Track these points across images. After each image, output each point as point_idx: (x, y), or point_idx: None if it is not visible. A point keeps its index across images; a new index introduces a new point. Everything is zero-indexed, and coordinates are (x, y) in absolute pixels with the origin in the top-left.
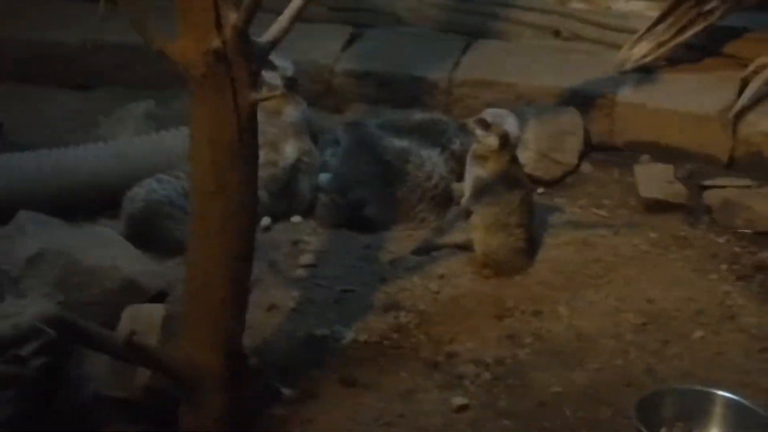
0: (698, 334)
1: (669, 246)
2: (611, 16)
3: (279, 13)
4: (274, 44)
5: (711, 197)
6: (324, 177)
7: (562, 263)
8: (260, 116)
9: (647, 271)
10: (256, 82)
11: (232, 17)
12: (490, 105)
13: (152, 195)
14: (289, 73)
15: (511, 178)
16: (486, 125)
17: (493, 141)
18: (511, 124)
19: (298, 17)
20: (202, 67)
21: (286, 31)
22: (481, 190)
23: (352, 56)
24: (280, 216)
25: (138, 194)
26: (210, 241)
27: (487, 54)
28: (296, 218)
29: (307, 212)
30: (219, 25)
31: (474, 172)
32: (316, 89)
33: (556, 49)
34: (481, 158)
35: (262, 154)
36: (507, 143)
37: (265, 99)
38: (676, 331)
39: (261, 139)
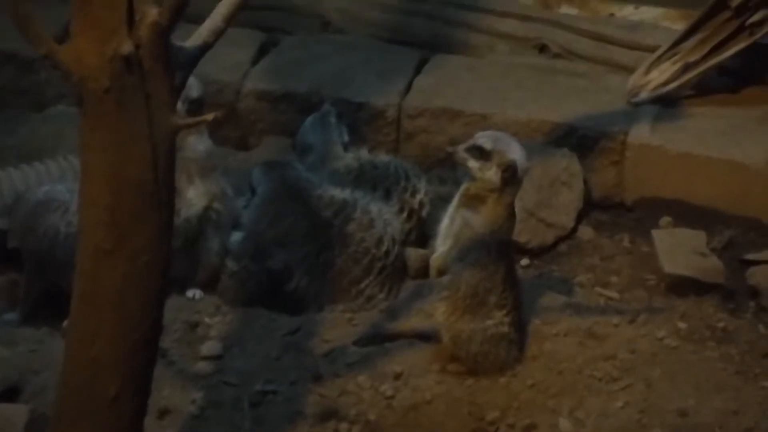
0: None
1: (704, 340)
2: (615, 26)
3: (199, 21)
4: (204, 50)
5: (757, 276)
6: (233, 237)
7: (561, 360)
8: None
9: (676, 373)
10: (177, 102)
11: (150, 12)
12: (453, 142)
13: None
14: (195, 93)
15: (505, 236)
16: (483, 153)
17: (494, 175)
18: (516, 152)
19: (236, 13)
20: (105, 78)
21: (219, 33)
22: (469, 245)
23: (265, 72)
24: (172, 287)
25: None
26: (102, 316)
27: (450, 74)
28: (194, 291)
29: (210, 284)
30: (131, 22)
31: (462, 217)
32: (216, 116)
33: (541, 70)
34: (474, 200)
35: None
36: (513, 178)
37: (192, 125)
38: None
39: None
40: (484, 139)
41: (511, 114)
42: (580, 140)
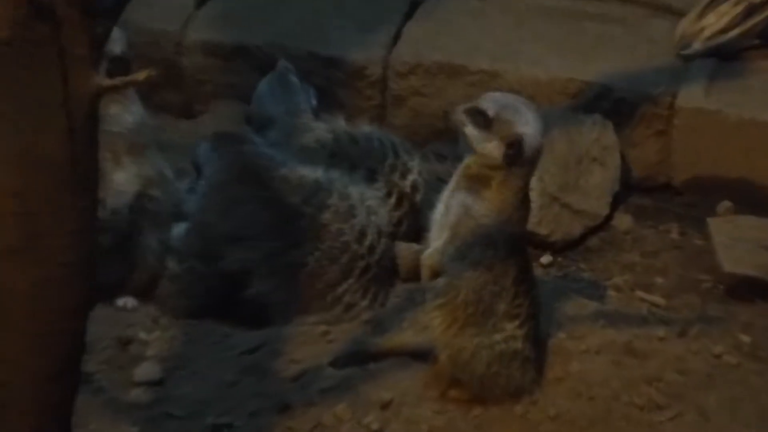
0: None
1: None
2: None
3: None
4: None
5: None
6: (175, 230)
7: (593, 384)
8: None
9: (738, 399)
10: (101, 57)
11: None
12: (454, 107)
13: None
14: (118, 48)
15: (516, 228)
16: (485, 120)
17: (495, 149)
18: (527, 122)
19: None
20: (6, 28)
21: None
22: (469, 239)
23: (213, 19)
24: (99, 295)
25: None
26: (9, 333)
27: (449, 20)
28: (126, 300)
29: (146, 291)
30: None
31: (461, 203)
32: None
33: (566, 14)
34: (476, 181)
35: None
36: (518, 157)
37: (120, 88)
38: None
39: None
40: (489, 102)
41: (527, 71)
42: (615, 104)
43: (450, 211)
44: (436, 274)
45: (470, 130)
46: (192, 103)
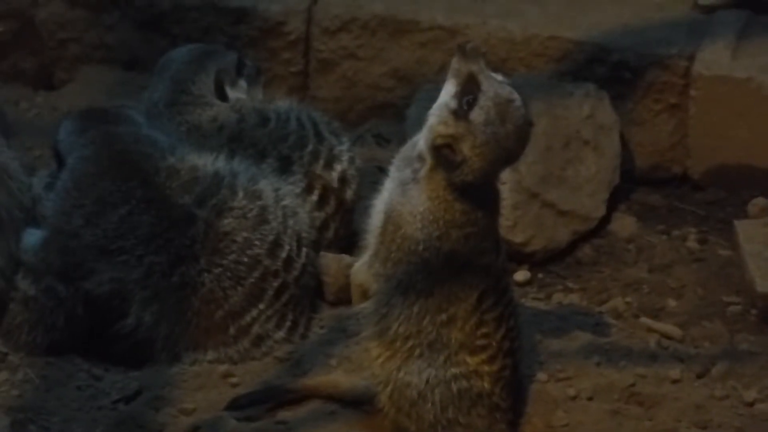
0: None
1: None
2: None
3: None
4: None
5: None
6: (27, 240)
7: None
8: None
9: None
10: None
11: None
12: (400, 75)
13: None
14: None
15: (464, 248)
16: (468, 101)
17: (446, 116)
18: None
19: None
20: None
21: None
22: (397, 254)
23: None
24: None
25: None
26: None
27: None
28: None
29: None
30: None
31: (388, 198)
32: None
33: None
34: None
35: None
36: (447, 163)
37: None
38: None
39: None
40: (492, 88)
41: (496, 27)
42: (614, 70)
43: (377, 211)
44: (366, 294)
45: (445, 94)
46: (52, 70)
